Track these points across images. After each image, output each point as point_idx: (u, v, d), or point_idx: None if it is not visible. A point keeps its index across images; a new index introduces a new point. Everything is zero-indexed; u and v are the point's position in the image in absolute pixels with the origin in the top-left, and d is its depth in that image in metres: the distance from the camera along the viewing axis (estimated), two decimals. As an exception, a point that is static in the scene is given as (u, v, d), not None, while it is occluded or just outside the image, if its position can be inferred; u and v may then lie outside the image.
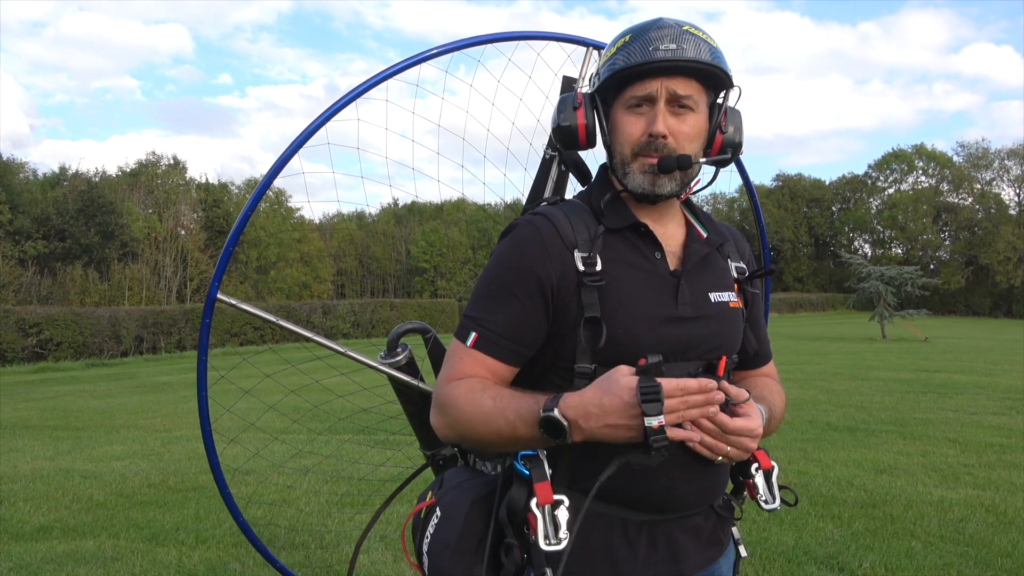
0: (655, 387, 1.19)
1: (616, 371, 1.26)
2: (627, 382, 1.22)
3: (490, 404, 1.32)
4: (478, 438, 1.36)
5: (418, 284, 56.90)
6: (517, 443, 1.32)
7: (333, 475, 5.89)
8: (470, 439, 1.39)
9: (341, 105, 2.04)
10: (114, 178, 47.84)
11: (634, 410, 1.20)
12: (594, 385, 1.26)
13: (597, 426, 1.23)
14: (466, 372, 1.39)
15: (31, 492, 5.96)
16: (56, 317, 24.39)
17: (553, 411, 1.24)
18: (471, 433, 1.36)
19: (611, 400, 1.22)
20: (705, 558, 1.46)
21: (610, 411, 1.22)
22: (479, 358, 1.38)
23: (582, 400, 1.25)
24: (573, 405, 1.25)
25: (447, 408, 1.38)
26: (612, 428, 1.23)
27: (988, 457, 6.66)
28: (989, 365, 15.19)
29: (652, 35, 1.38)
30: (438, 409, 1.41)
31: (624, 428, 1.22)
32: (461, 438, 1.41)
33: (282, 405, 4.87)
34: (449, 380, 1.40)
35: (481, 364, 1.38)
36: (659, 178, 1.41)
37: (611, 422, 1.22)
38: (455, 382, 1.39)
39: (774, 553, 4.26)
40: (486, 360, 1.38)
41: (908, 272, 29.34)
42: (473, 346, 1.38)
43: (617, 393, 1.22)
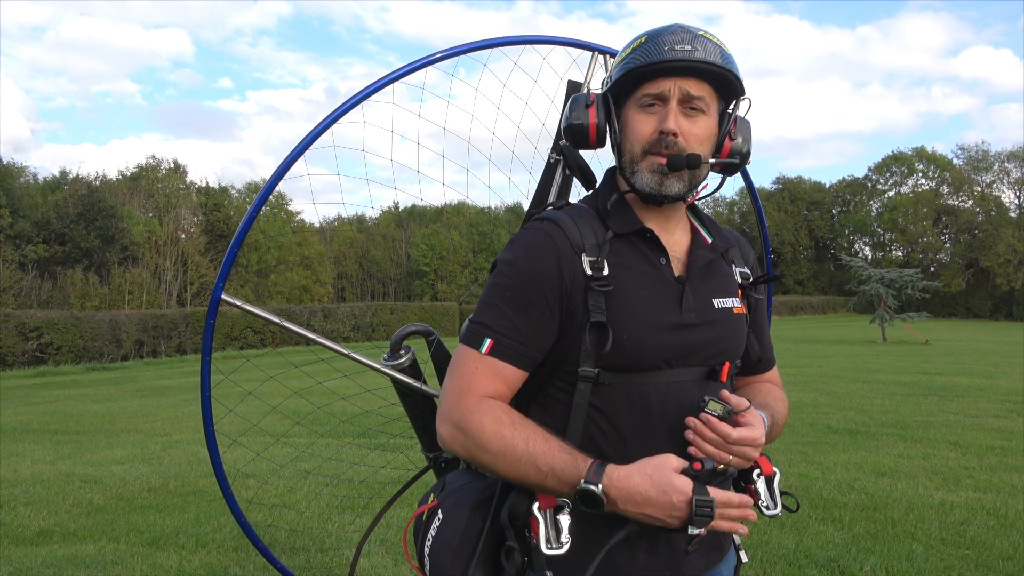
0: (710, 504, 1.23)
1: (667, 463, 1.27)
2: (682, 485, 1.24)
3: (522, 448, 1.30)
4: (496, 473, 1.35)
5: (418, 287, 56.90)
6: (539, 490, 1.32)
7: (334, 478, 5.88)
8: (486, 470, 1.37)
9: (347, 108, 2.05)
10: (114, 182, 47.86)
11: (679, 512, 1.23)
12: (643, 473, 1.26)
13: (635, 511, 1.26)
14: (484, 385, 1.36)
15: (31, 496, 5.95)
16: (56, 321, 24.38)
17: (597, 486, 1.25)
18: (490, 466, 1.34)
19: (658, 497, 1.24)
20: (706, 563, 1.46)
21: (656, 505, 1.24)
22: (495, 366, 1.36)
23: (628, 485, 1.25)
24: (619, 487, 1.25)
25: (468, 430, 1.34)
26: (648, 517, 1.26)
27: (989, 460, 6.66)
28: (990, 368, 15.19)
29: (667, 37, 1.39)
30: (455, 426, 1.36)
31: (660, 521, 1.26)
32: (475, 463, 1.38)
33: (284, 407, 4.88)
34: (467, 394, 1.36)
35: (497, 372, 1.37)
36: (667, 178, 1.41)
37: (651, 514, 1.25)
38: (477, 401, 1.35)
39: (775, 556, 4.25)
40: (502, 367, 1.37)
41: (908, 275, 29.34)
42: (488, 353, 1.36)
43: (669, 494, 1.24)
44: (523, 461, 1.29)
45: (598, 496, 1.24)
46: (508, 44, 2.19)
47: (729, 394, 1.35)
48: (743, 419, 1.33)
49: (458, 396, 1.37)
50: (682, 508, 1.23)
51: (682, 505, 1.22)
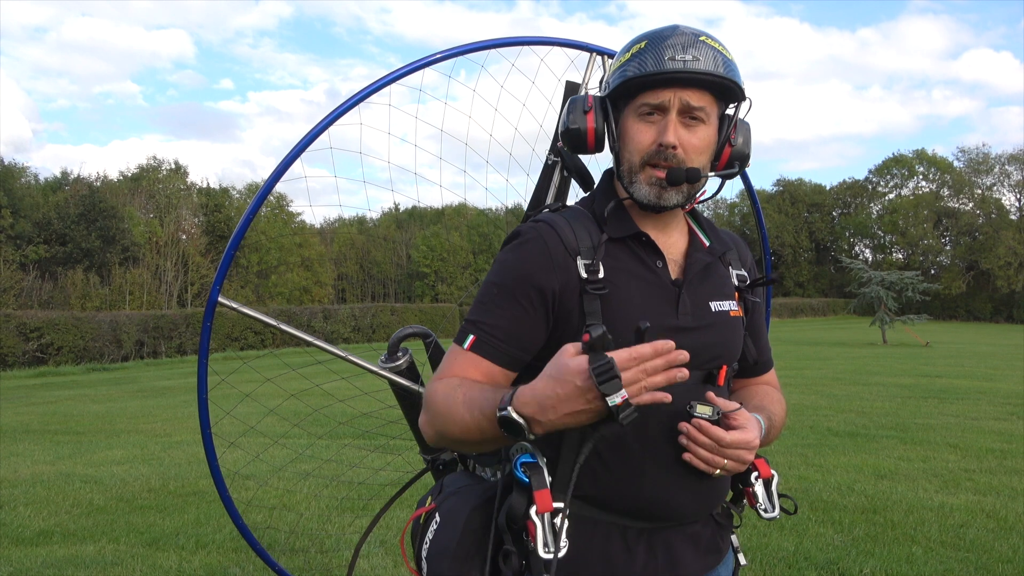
0: (607, 363, 1.11)
1: (561, 353, 1.17)
2: (576, 364, 1.14)
3: (460, 400, 1.29)
4: (450, 435, 1.34)
5: (419, 288, 56.93)
6: (485, 440, 1.29)
7: (333, 479, 5.88)
8: (445, 437, 1.36)
9: (344, 109, 2.05)
10: (115, 183, 47.88)
11: (591, 392, 1.13)
12: (543, 374, 1.18)
13: (556, 417, 1.16)
14: (455, 372, 1.37)
15: (31, 496, 5.95)
16: (57, 321, 24.40)
17: (507, 409, 1.18)
18: (444, 430, 1.34)
19: (564, 388, 1.14)
20: (704, 565, 1.46)
21: (565, 399, 1.15)
22: (474, 360, 1.37)
23: (534, 393, 1.17)
24: (526, 401, 1.18)
25: (427, 405, 1.37)
26: (573, 416, 1.16)
27: (989, 462, 6.65)
28: (990, 370, 15.18)
29: (668, 44, 1.36)
30: (423, 408, 1.39)
31: (586, 413, 1.16)
32: (438, 436, 1.37)
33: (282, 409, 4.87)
34: (436, 379, 1.39)
35: (475, 366, 1.37)
36: (666, 191, 1.40)
37: (570, 409, 1.15)
38: (439, 380, 1.38)
39: (774, 559, 4.25)
40: (481, 362, 1.37)
41: (909, 277, 29.35)
42: (470, 348, 1.37)
43: (568, 379, 1.14)
44: (462, 412, 1.28)
45: (512, 418, 1.17)
46: (505, 45, 2.19)
47: (716, 396, 1.34)
48: (735, 421, 1.33)
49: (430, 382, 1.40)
50: (588, 386, 1.12)
51: (585, 383, 1.12)
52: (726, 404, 1.33)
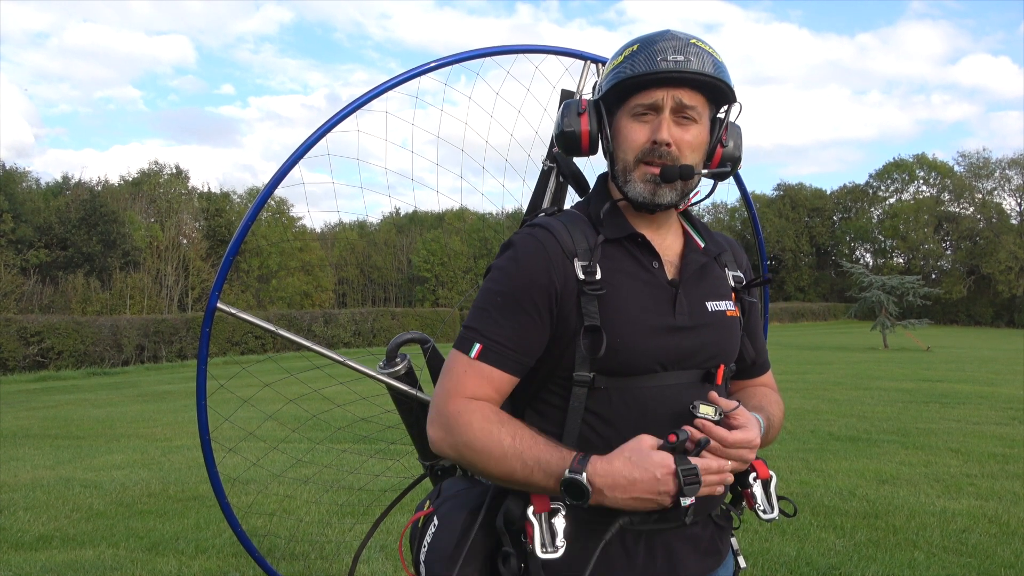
0: (695, 470, 1.23)
1: (642, 442, 1.27)
2: (661, 459, 1.24)
3: (508, 443, 1.30)
4: (485, 471, 1.34)
5: (419, 293, 56.96)
6: (527, 487, 1.32)
7: (332, 485, 5.88)
8: (475, 469, 1.36)
9: (341, 117, 2.06)
10: (116, 187, 47.96)
11: (666, 488, 1.23)
12: (622, 456, 1.26)
13: (623, 497, 1.25)
14: (472, 388, 1.37)
15: (31, 501, 5.95)
16: (57, 326, 24.41)
17: (581, 475, 1.24)
18: (479, 464, 1.34)
19: (642, 476, 1.23)
20: (703, 567, 1.46)
21: (639, 487, 1.24)
22: (483, 370, 1.37)
23: (611, 470, 1.25)
24: (602, 474, 1.24)
25: (455, 430, 1.35)
26: (638, 501, 1.25)
27: (991, 467, 6.64)
28: (991, 375, 15.16)
29: (660, 46, 1.39)
30: (443, 427, 1.37)
31: (651, 503, 1.25)
32: (464, 463, 1.38)
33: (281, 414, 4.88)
34: (455, 396, 1.37)
35: (485, 377, 1.37)
36: (660, 188, 1.41)
37: (638, 496, 1.24)
38: (465, 402, 1.36)
39: (776, 564, 4.24)
40: (490, 371, 1.37)
41: (910, 282, 29.35)
42: (478, 357, 1.37)
43: (650, 469, 1.23)
44: (509, 456, 1.30)
45: (583, 485, 1.23)
46: (501, 53, 2.20)
47: (718, 396, 1.35)
48: (736, 421, 1.33)
49: (446, 399, 1.38)
50: (668, 481, 1.23)
51: (667, 478, 1.23)
52: (726, 403, 1.34)
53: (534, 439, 1.31)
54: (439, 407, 1.39)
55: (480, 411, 1.35)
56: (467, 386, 1.37)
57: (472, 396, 1.37)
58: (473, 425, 1.33)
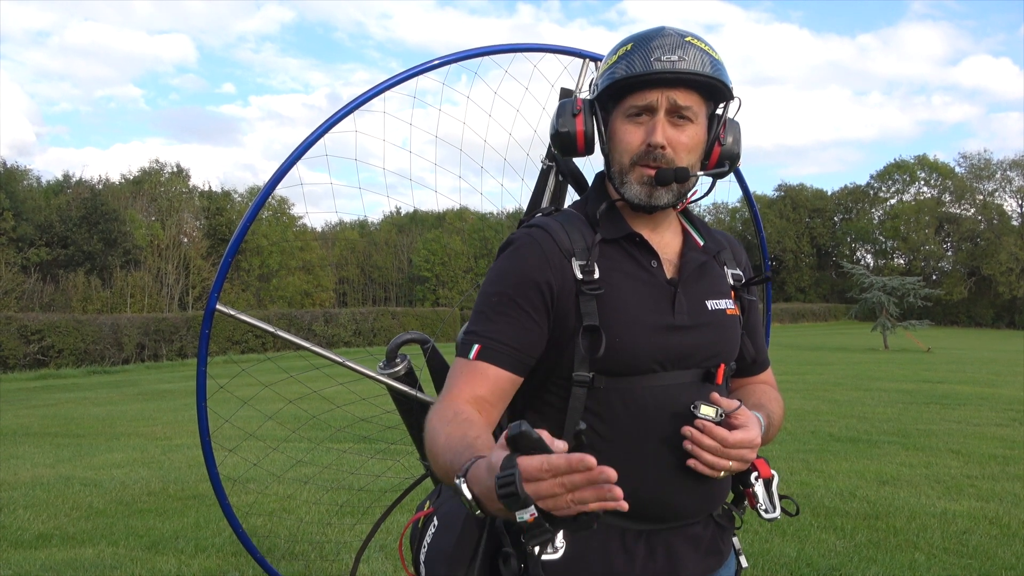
0: (508, 475, 0.91)
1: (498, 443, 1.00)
2: (496, 460, 0.95)
3: (442, 440, 1.21)
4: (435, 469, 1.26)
5: (420, 293, 56.98)
6: None
7: (333, 485, 5.87)
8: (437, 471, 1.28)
9: (339, 117, 2.05)
10: (117, 186, 47.96)
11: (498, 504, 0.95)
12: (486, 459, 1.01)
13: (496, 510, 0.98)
14: (462, 389, 1.34)
15: (31, 499, 5.95)
16: (58, 324, 24.41)
17: (461, 481, 1.02)
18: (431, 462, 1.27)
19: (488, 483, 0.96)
20: (704, 567, 1.45)
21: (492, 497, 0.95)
22: (479, 368, 1.36)
23: (478, 476, 1.00)
24: (475, 479, 1.01)
25: (425, 430, 1.31)
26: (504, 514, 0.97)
27: (991, 468, 6.63)
28: (992, 376, 15.15)
29: (654, 45, 1.37)
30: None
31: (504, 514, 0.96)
32: None
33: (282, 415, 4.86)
34: (443, 397, 1.36)
35: (480, 374, 1.36)
36: (656, 190, 1.40)
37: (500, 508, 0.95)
38: (440, 405, 1.33)
39: (776, 565, 4.24)
40: (486, 368, 1.35)
41: (910, 283, 29.33)
42: (476, 358, 1.36)
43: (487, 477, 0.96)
44: (439, 455, 1.21)
45: (463, 494, 1.01)
46: (499, 52, 2.19)
47: (719, 396, 1.34)
48: (737, 420, 1.33)
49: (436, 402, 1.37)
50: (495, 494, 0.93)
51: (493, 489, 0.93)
52: (728, 403, 1.33)
53: (463, 437, 1.17)
54: None
55: (440, 411, 1.29)
56: (459, 388, 1.35)
57: (459, 397, 1.34)
58: (432, 422, 1.28)
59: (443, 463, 1.18)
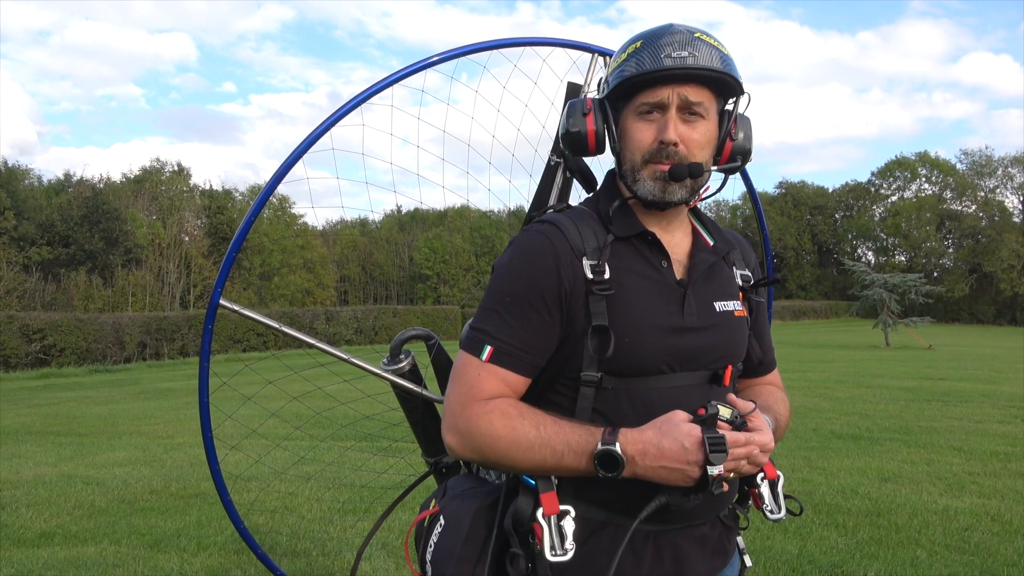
0: (722, 439, 1.23)
1: (674, 415, 1.28)
2: (689, 429, 1.25)
3: (533, 433, 1.30)
4: (514, 466, 1.33)
5: (421, 291, 56.92)
6: (557, 473, 1.32)
7: (335, 482, 5.88)
8: (502, 466, 1.35)
9: (344, 111, 2.04)
10: (118, 185, 47.90)
11: (694, 456, 1.23)
12: (652, 427, 1.28)
13: (653, 465, 1.26)
14: (488, 390, 1.35)
15: (33, 498, 5.95)
16: (60, 323, 24.42)
17: (614, 445, 1.25)
18: (506, 461, 1.33)
19: (671, 444, 1.24)
20: (710, 567, 1.45)
21: (668, 455, 1.24)
22: (497, 372, 1.36)
23: (641, 438, 1.26)
24: (632, 441, 1.26)
25: (476, 435, 1.33)
26: (667, 471, 1.26)
27: (993, 466, 6.63)
28: (993, 373, 15.13)
29: (663, 42, 1.37)
30: (462, 434, 1.35)
31: (679, 472, 1.25)
32: (488, 462, 1.37)
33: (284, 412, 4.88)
34: (471, 401, 1.35)
35: (500, 379, 1.36)
36: (670, 185, 1.40)
37: (667, 465, 1.25)
38: (481, 404, 1.34)
39: (778, 562, 4.23)
40: (504, 374, 1.36)
41: (912, 280, 29.30)
42: (490, 360, 1.35)
43: (678, 438, 1.24)
44: (537, 446, 1.30)
45: (617, 455, 1.25)
46: (507, 46, 2.18)
47: (736, 398, 1.34)
48: (752, 423, 1.33)
49: (462, 404, 1.36)
50: (695, 450, 1.23)
51: (694, 447, 1.23)
52: (744, 405, 1.33)
53: (557, 424, 1.32)
54: (455, 413, 1.37)
55: (499, 409, 1.34)
56: (482, 389, 1.35)
57: (488, 398, 1.35)
58: (495, 424, 1.32)
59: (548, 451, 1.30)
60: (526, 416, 1.33)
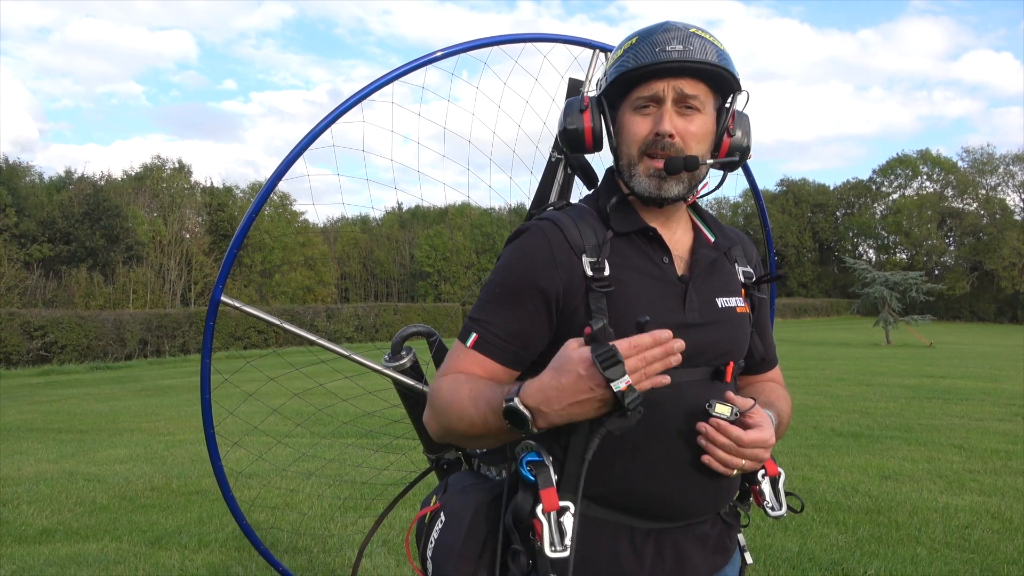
0: (610, 350, 1.13)
1: (564, 347, 1.20)
2: (579, 355, 1.16)
3: (466, 395, 1.31)
4: (455, 430, 1.36)
5: (422, 288, 56.93)
6: (490, 435, 1.31)
7: (336, 479, 5.88)
8: (450, 432, 1.38)
9: (345, 108, 2.04)
10: (119, 182, 47.89)
11: (594, 380, 1.14)
12: (548, 368, 1.20)
13: (560, 407, 1.18)
14: (458, 369, 1.38)
15: (34, 495, 5.96)
16: (61, 320, 24.44)
17: (513, 400, 1.20)
18: (449, 424, 1.36)
19: (567, 377, 1.16)
20: (711, 566, 1.45)
21: (569, 389, 1.16)
22: (477, 359, 1.38)
23: (540, 385, 1.19)
24: (532, 392, 1.19)
25: (433, 402, 1.39)
26: (578, 406, 1.17)
27: (994, 463, 6.63)
28: (994, 371, 15.13)
29: (659, 37, 1.37)
30: (428, 405, 1.41)
31: (589, 402, 1.17)
32: (443, 431, 1.39)
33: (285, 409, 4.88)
34: (441, 375, 1.41)
35: (479, 365, 1.38)
36: (665, 181, 1.40)
37: (574, 399, 1.17)
38: (443, 376, 1.39)
39: (778, 560, 4.24)
40: (484, 361, 1.37)
41: (913, 278, 29.28)
42: (473, 346, 1.38)
43: (571, 369, 1.16)
44: (468, 408, 1.31)
45: (518, 409, 1.18)
46: (508, 42, 2.17)
47: (734, 395, 1.34)
48: (751, 420, 1.33)
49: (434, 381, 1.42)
50: (590, 372, 1.13)
51: (588, 370, 1.13)
52: (743, 402, 1.33)
53: (488, 386, 1.30)
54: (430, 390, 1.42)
55: (450, 376, 1.37)
56: (457, 367, 1.39)
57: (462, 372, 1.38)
58: (443, 390, 1.36)
59: (475, 409, 1.29)
60: (469, 382, 1.34)
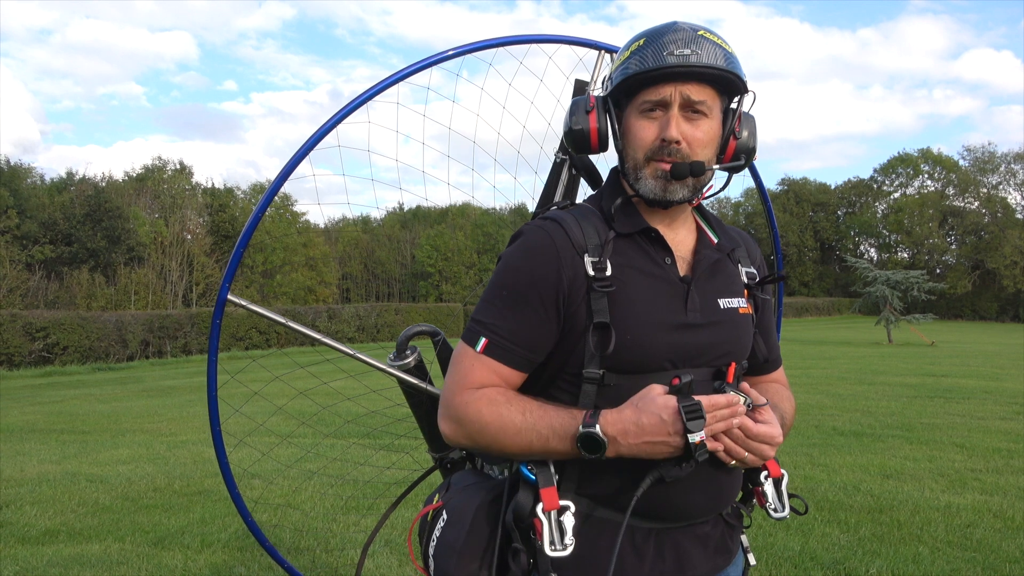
0: (697, 405, 1.25)
1: (650, 390, 1.29)
2: (664, 401, 1.26)
3: (519, 419, 1.33)
4: (503, 451, 1.36)
5: (423, 288, 56.91)
6: (547, 456, 1.34)
7: (339, 478, 5.89)
8: (493, 451, 1.38)
9: (351, 109, 2.04)
10: (121, 183, 47.94)
11: (673, 427, 1.25)
12: (630, 404, 1.29)
13: (635, 443, 1.27)
14: (479, 380, 1.37)
15: (37, 496, 5.97)
16: (63, 321, 24.45)
17: (595, 427, 1.27)
18: (496, 446, 1.36)
19: (649, 419, 1.26)
20: (713, 566, 1.45)
21: (648, 430, 1.26)
22: (490, 364, 1.37)
23: (620, 418, 1.28)
24: (612, 422, 1.28)
25: (466, 421, 1.37)
26: (650, 445, 1.27)
27: (995, 462, 6.62)
28: (996, 370, 15.11)
29: (666, 39, 1.36)
30: (454, 421, 1.39)
31: (663, 445, 1.27)
32: (480, 449, 1.40)
33: (289, 408, 4.89)
34: (462, 389, 1.38)
35: (492, 370, 1.37)
36: (671, 184, 1.40)
37: (649, 439, 1.27)
38: (471, 392, 1.37)
39: (780, 559, 4.24)
40: (497, 366, 1.37)
41: (914, 276, 29.25)
42: (483, 352, 1.37)
43: (655, 412, 1.26)
44: (524, 431, 1.32)
45: (598, 436, 1.26)
46: (513, 43, 2.18)
47: (749, 388, 1.35)
48: (762, 417, 1.33)
49: (453, 393, 1.40)
50: (672, 420, 1.25)
51: (671, 417, 1.25)
52: (756, 396, 1.34)
53: (543, 409, 1.34)
54: (448, 401, 1.40)
55: (486, 397, 1.36)
56: (474, 378, 1.38)
57: (479, 386, 1.38)
58: (483, 411, 1.35)
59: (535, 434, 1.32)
60: (513, 403, 1.35)
